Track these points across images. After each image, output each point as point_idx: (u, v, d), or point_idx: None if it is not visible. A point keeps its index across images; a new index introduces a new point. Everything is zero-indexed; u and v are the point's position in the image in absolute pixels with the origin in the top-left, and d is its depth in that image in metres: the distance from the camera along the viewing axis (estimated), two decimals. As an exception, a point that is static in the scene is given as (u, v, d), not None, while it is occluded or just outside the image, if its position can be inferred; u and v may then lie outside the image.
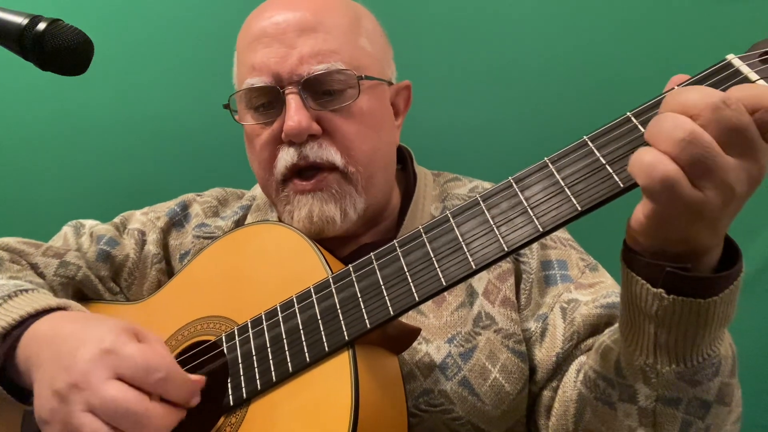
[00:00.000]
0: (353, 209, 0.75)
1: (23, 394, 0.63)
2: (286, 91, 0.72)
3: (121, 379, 0.55)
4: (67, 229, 0.88)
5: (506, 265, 0.78)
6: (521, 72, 1.19)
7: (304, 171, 0.75)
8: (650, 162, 0.45)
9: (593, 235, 0.87)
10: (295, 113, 0.71)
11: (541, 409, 0.73)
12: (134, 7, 1.22)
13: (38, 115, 1.25)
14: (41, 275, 0.80)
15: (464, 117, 1.21)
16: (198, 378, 0.59)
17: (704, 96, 0.44)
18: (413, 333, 0.65)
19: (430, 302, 0.75)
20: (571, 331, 0.72)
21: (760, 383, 1.15)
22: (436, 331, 0.74)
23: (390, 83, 0.82)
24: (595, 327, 0.72)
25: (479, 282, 0.77)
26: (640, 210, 0.49)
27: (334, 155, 0.73)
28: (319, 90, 0.73)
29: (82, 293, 0.83)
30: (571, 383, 0.69)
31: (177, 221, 0.89)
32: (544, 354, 0.73)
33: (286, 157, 0.74)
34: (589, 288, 0.76)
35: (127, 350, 0.56)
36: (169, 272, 0.87)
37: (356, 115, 0.75)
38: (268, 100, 0.75)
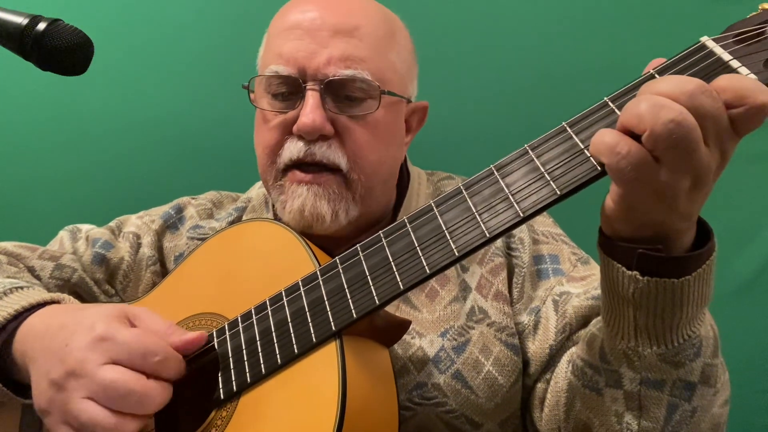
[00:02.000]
0: (345, 214, 0.75)
1: (22, 389, 0.64)
2: (308, 87, 0.73)
3: (116, 364, 0.56)
4: (63, 234, 0.89)
5: (498, 259, 0.79)
6: (514, 72, 1.19)
7: (306, 166, 0.75)
8: (612, 141, 0.45)
9: (585, 231, 0.86)
10: (312, 111, 0.72)
11: (536, 401, 0.73)
12: (134, 8, 1.23)
13: (36, 117, 1.25)
14: (37, 278, 0.81)
15: (459, 117, 1.21)
16: (198, 334, 0.61)
17: (680, 83, 0.45)
18: (402, 325, 0.65)
19: (423, 297, 0.76)
20: (564, 323, 0.72)
21: (760, 383, 1.14)
22: (429, 325, 0.74)
23: (409, 101, 0.82)
24: (587, 318, 0.72)
25: (472, 276, 0.77)
26: (609, 196, 0.50)
27: (340, 158, 0.74)
28: (341, 94, 0.74)
29: (78, 296, 0.84)
30: (562, 374, 0.69)
31: (171, 224, 0.90)
32: (538, 347, 0.73)
33: (293, 148, 0.74)
34: (581, 281, 0.76)
35: (121, 337, 0.57)
36: (164, 274, 0.87)
37: (371, 126, 0.75)
38: (288, 91, 0.75)
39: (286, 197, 0.75)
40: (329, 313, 0.59)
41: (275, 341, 0.61)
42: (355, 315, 0.58)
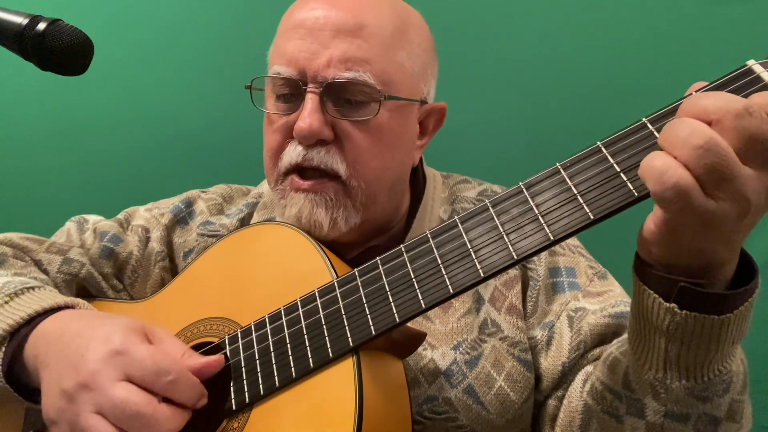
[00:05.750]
0: (344, 221, 0.73)
1: (30, 392, 0.63)
2: (308, 89, 0.70)
3: (129, 380, 0.54)
4: (70, 225, 0.87)
5: (513, 271, 0.77)
6: (532, 74, 1.18)
7: (305, 170, 0.73)
8: (661, 167, 0.43)
9: (602, 243, 0.85)
10: (309, 115, 0.69)
11: (546, 418, 0.72)
12: (134, 7, 1.22)
13: (40, 114, 1.25)
14: (45, 272, 0.79)
15: (475, 119, 1.20)
16: (215, 359, 0.58)
17: (726, 102, 0.43)
18: (419, 337, 0.64)
19: (436, 308, 0.74)
20: (578, 341, 0.71)
21: (760, 383, 1.13)
22: (442, 337, 0.73)
23: (423, 102, 0.78)
24: (603, 337, 0.70)
25: (485, 288, 0.76)
26: (651, 219, 0.47)
27: (339, 164, 0.71)
28: (341, 97, 0.71)
29: (85, 290, 0.83)
30: (577, 393, 0.67)
31: (181, 218, 0.88)
32: (550, 363, 0.72)
33: (292, 153, 0.72)
34: (597, 296, 0.75)
35: (137, 352, 0.55)
36: (173, 270, 0.86)
37: (373, 131, 0.72)
38: (290, 92, 0.73)
39: (285, 202, 0.74)
40: (347, 327, 0.58)
41: (290, 353, 0.59)
42: (374, 332, 0.56)
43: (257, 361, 0.61)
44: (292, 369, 0.58)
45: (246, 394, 0.60)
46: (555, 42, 1.17)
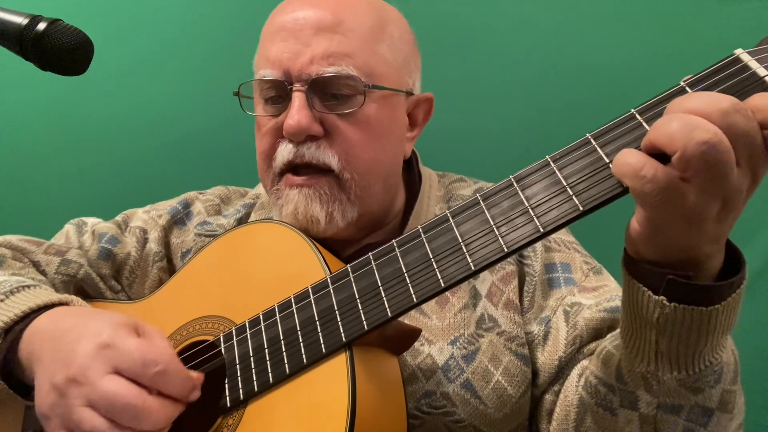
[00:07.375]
0: (341, 215, 0.73)
1: (26, 389, 0.63)
2: (293, 89, 0.71)
3: (118, 373, 0.55)
4: (69, 227, 0.88)
5: (510, 267, 0.77)
6: (527, 74, 1.18)
7: (299, 168, 0.74)
8: (637, 163, 0.43)
9: (597, 239, 0.85)
10: (297, 112, 0.70)
11: (543, 413, 0.72)
12: (135, 7, 1.22)
13: (40, 118, 1.26)
14: (43, 273, 0.80)
15: (470, 119, 1.20)
16: (196, 375, 0.59)
17: (713, 101, 0.43)
18: (413, 333, 0.64)
19: (433, 303, 0.75)
20: (574, 335, 0.71)
21: (759, 383, 1.13)
22: (439, 332, 0.73)
23: (409, 93, 0.79)
24: (598, 331, 0.70)
25: (482, 284, 0.76)
26: (635, 218, 0.48)
27: (331, 158, 0.72)
28: (327, 92, 0.72)
29: (83, 291, 0.83)
30: (572, 388, 0.67)
31: (179, 219, 0.89)
32: (547, 357, 0.72)
33: (284, 152, 0.73)
34: (593, 291, 0.75)
35: (124, 345, 0.56)
36: (171, 270, 0.86)
37: (361, 123, 0.73)
38: (277, 94, 0.74)
39: (282, 201, 0.74)
40: (340, 323, 0.58)
41: (284, 350, 0.60)
42: (366, 327, 0.56)
43: (251, 358, 0.61)
44: (286, 365, 0.59)
45: (240, 391, 0.60)
46: (549, 41, 1.17)
